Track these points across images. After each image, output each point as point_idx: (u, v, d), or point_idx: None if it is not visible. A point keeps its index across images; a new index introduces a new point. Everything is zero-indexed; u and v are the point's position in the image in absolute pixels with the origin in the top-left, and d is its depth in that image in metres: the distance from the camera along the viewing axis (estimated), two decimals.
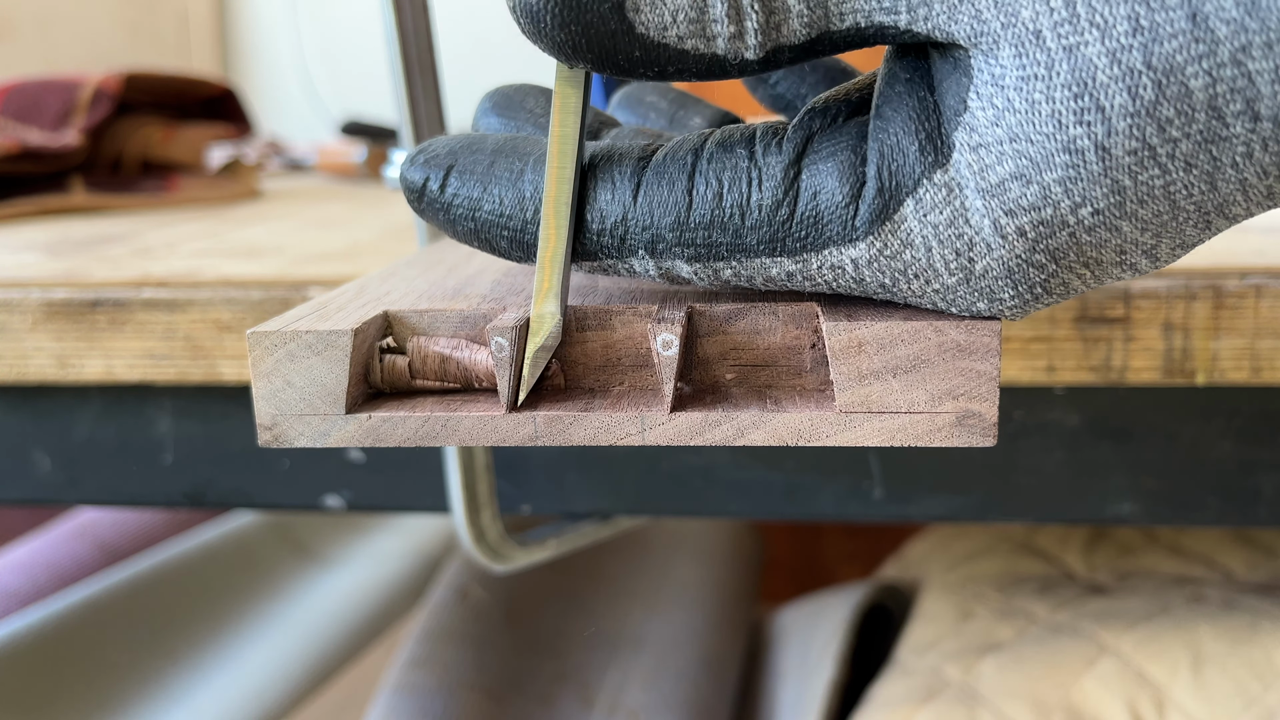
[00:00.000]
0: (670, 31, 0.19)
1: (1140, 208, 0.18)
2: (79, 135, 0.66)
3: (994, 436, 0.20)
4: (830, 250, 0.20)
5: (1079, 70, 0.17)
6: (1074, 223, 0.19)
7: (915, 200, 0.20)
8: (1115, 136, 0.18)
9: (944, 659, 0.54)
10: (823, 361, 0.22)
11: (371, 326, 0.22)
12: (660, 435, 0.21)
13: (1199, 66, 0.17)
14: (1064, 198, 0.18)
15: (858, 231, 0.20)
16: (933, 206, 0.20)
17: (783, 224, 0.20)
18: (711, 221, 0.21)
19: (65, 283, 0.37)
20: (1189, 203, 0.18)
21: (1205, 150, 0.18)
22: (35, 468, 0.41)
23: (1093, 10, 0.17)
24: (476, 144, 0.23)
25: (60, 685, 0.56)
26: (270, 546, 0.73)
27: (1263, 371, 0.33)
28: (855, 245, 0.20)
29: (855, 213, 0.20)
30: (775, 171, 0.20)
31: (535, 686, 0.60)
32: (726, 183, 0.21)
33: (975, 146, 0.19)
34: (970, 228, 0.19)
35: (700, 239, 0.21)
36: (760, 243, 0.21)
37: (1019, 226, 0.19)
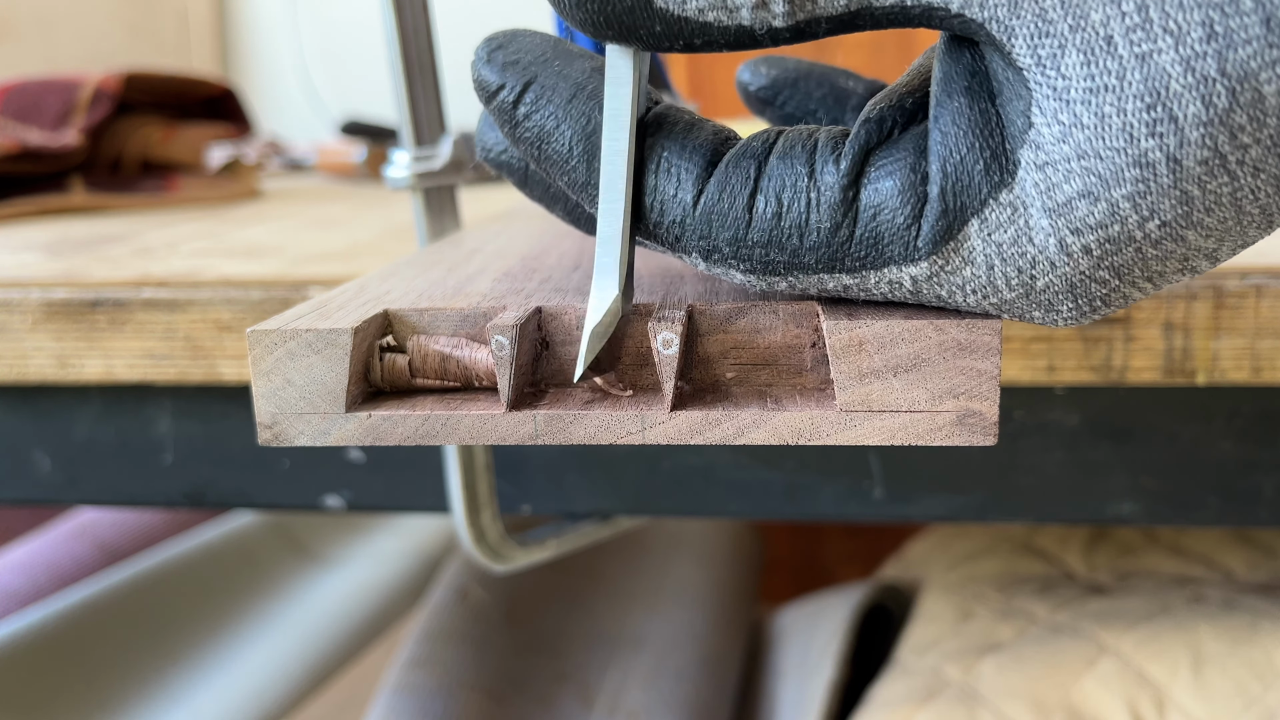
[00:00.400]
0: (690, 4, 0.19)
1: (1206, 215, 0.18)
2: (79, 135, 0.66)
3: (994, 436, 0.20)
4: (890, 268, 0.20)
5: (1152, 79, 0.17)
6: (1140, 237, 0.18)
7: (980, 220, 0.19)
8: (1187, 147, 0.17)
9: (944, 659, 0.54)
10: (823, 360, 0.22)
11: (372, 325, 0.22)
12: (660, 434, 0.21)
13: (1273, 71, 0.16)
14: (1132, 212, 0.18)
15: (920, 252, 0.20)
16: (997, 226, 0.19)
17: (842, 245, 0.20)
18: (770, 241, 0.20)
19: (65, 283, 0.37)
20: (1254, 206, 0.18)
21: (1274, 154, 0.17)
22: (35, 468, 0.41)
23: (1166, 16, 0.17)
24: (563, 61, 0.22)
25: (60, 685, 0.56)
26: (270, 546, 0.73)
27: (1263, 371, 0.33)
28: (916, 264, 0.20)
29: (917, 234, 0.20)
30: (834, 193, 0.20)
31: (535, 686, 0.60)
32: (786, 202, 0.20)
33: (1041, 165, 0.18)
34: (1034, 246, 0.19)
35: (758, 255, 0.21)
36: (819, 262, 0.20)
37: (1085, 245, 0.19)
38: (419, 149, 0.36)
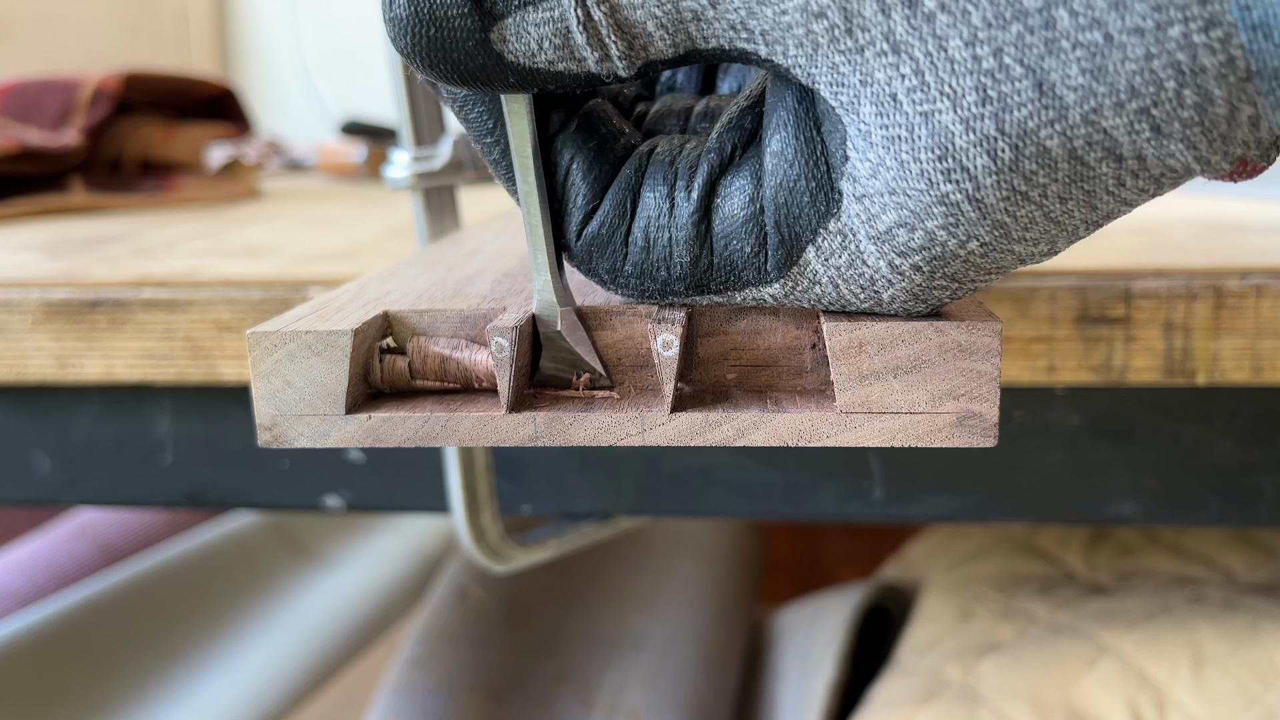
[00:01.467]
0: (539, 58, 0.20)
1: (1026, 233, 0.19)
2: (78, 135, 0.66)
3: (994, 437, 0.20)
4: (750, 289, 0.21)
5: (937, 135, 0.18)
6: (964, 254, 0.19)
7: (815, 248, 0.20)
8: (985, 190, 0.18)
9: (944, 659, 0.54)
10: (823, 362, 0.22)
11: (371, 327, 0.22)
12: (661, 435, 0.21)
13: (1052, 129, 0.17)
14: (950, 239, 0.19)
15: (769, 275, 0.21)
16: (831, 252, 0.20)
17: (704, 273, 0.21)
18: (642, 273, 0.22)
19: (65, 283, 0.37)
20: (1072, 220, 0.19)
21: (1076, 186, 0.18)
22: (35, 468, 0.41)
23: (941, 80, 0.18)
24: None
25: (60, 685, 0.56)
26: (270, 546, 0.73)
27: (1263, 371, 0.33)
28: (770, 285, 0.21)
29: (765, 260, 0.21)
30: (689, 228, 0.21)
31: (535, 686, 0.60)
32: (652, 239, 0.22)
33: (860, 197, 0.19)
34: (869, 267, 0.20)
35: (633, 285, 0.22)
36: (688, 288, 0.22)
37: (914, 264, 0.20)
38: (419, 149, 0.36)
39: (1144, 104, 0.17)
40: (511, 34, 0.20)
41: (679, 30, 0.19)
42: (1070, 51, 0.17)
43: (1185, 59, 0.16)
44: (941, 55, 0.17)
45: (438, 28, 0.20)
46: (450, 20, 0.20)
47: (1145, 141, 0.17)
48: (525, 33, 0.20)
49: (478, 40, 0.20)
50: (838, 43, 0.18)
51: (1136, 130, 0.17)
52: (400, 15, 0.20)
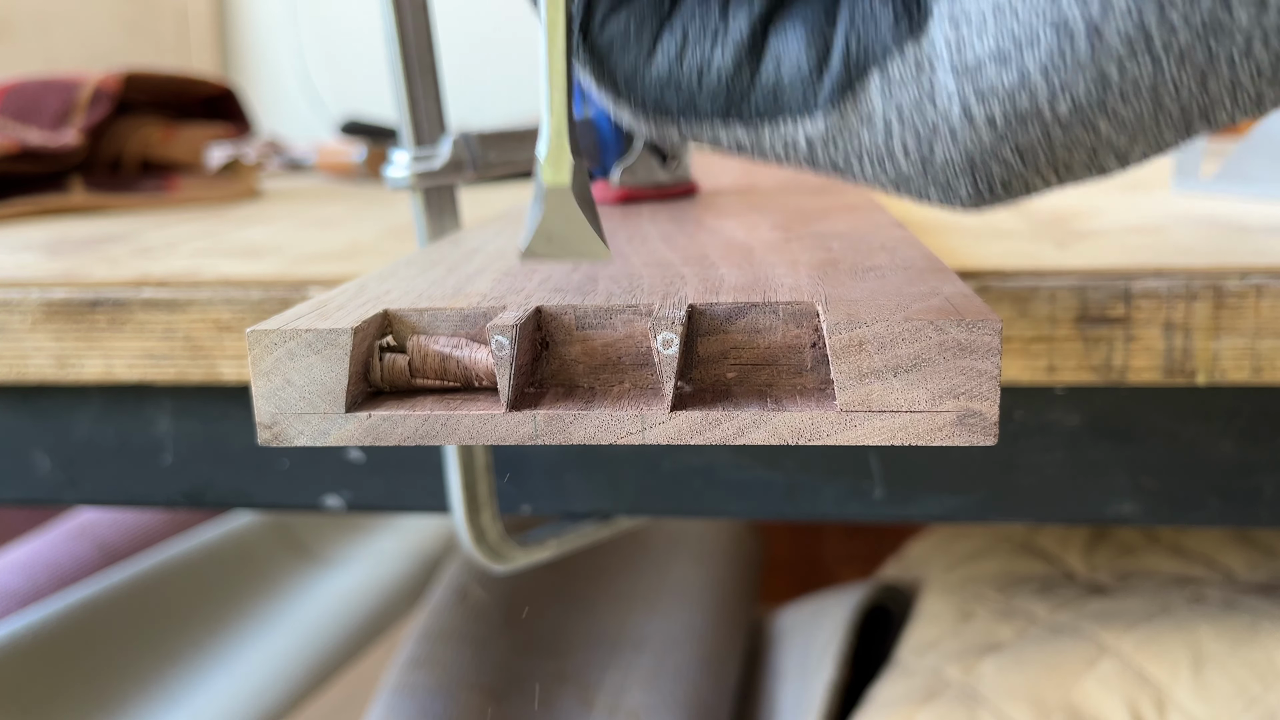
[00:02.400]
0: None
1: (1121, 105, 0.17)
2: (78, 135, 0.66)
3: (995, 435, 0.20)
4: (785, 122, 0.19)
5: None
6: (1049, 116, 0.17)
7: (882, 73, 0.18)
8: (1111, 17, 0.16)
9: (944, 659, 0.54)
10: (823, 360, 0.22)
11: (371, 325, 0.22)
12: (661, 434, 0.21)
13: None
14: (1043, 84, 0.17)
15: (817, 102, 0.19)
16: (900, 83, 0.18)
17: (742, 91, 0.19)
18: (669, 79, 0.19)
19: (65, 283, 0.37)
20: (1174, 104, 0.17)
21: (1203, 43, 0.16)
22: (35, 468, 0.41)
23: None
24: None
25: (60, 685, 0.56)
26: (270, 546, 0.73)
27: (1263, 371, 0.33)
28: (813, 119, 0.19)
29: (817, 83, 0.18)
30: (742, 33, 0.19)
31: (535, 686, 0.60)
32: (693, 38, 0.19)
33: (955, 18, 0.17)
34: (936, 111, 0.18)
35: (652, 97, 0.20)
36: (715, 108, 0.19)
37: (989, 115, 0.18)
38: (419, 149, 0.36)
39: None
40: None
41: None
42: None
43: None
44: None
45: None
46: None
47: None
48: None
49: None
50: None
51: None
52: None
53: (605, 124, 0.40)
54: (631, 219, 0.36)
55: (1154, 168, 0.68)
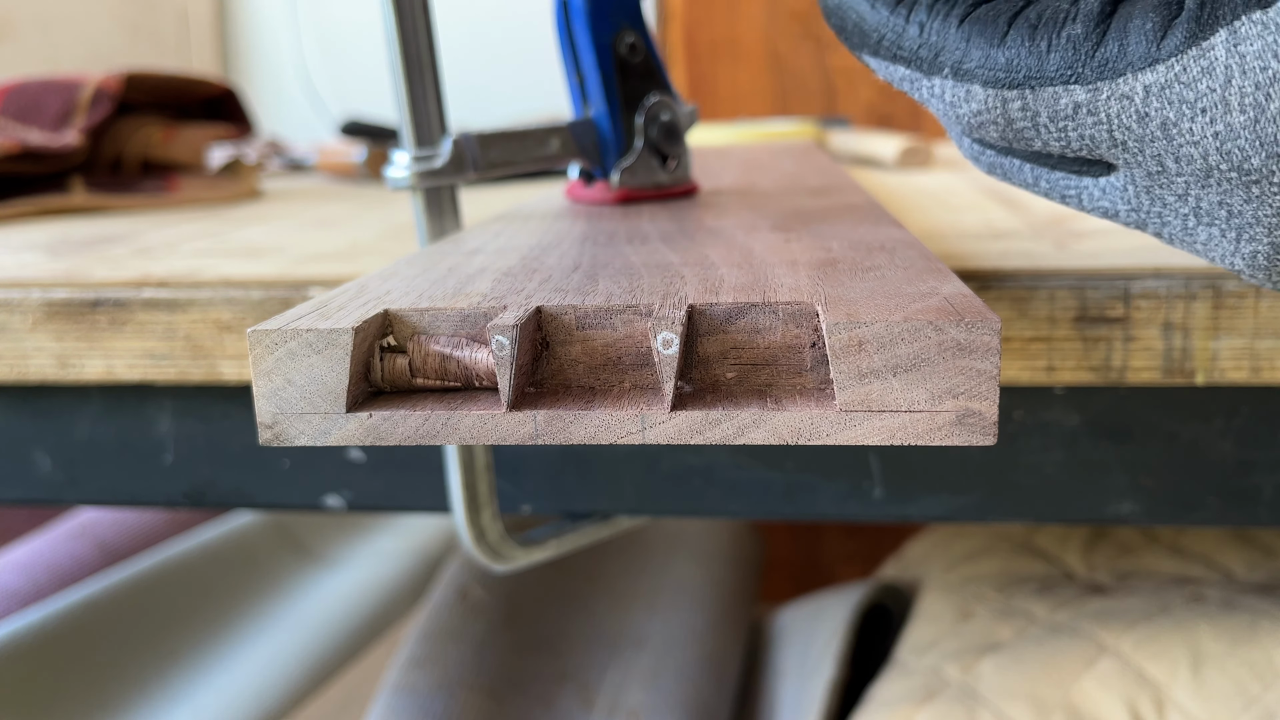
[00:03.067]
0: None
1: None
2: (79, 135, 0.66)
3: (994, 435, 0.20)
4: (1126, 77, 0.20)
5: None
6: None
7: (1230, 30, 0.19)
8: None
9: (944, 659, 0.54)
10: (823, 360, 0.22)
11: (372, 325, 0.22)
12: (660, 434, 0.21)
13: None
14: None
15: (1161, 53, 0.20)
16: (1246, 38, 0.19)
17: (1088, 52, 0.20)
18: (1020, 46, 0.21)
19: (65, 283, 0.37)
20: None
21: None
22: (35, 468, 0.41)
23: None
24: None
25: (60, 685, 0.56)
26: (270, 546, 0.73)
27: (1262, 371, 0.33)
28: (1154, 69, 0.20)
29: (1163, 37, 0.20)
30: (1093, 7, 0.20)
31: (535, 686, 0.60)
32: (1045, 17, 0.21)
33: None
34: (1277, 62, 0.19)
35: (1003, 60, 0.21)
36: (1059, 71, 0.21)
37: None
38: (419, 149, 0.36)
39: None
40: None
41: None
42: None
43: None
44: None
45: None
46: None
47: None
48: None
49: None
50: None
51: None
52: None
53: (605, 124, 0.40)
54: (631, 219, 0.37)
55: None
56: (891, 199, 0.56)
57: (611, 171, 0.41)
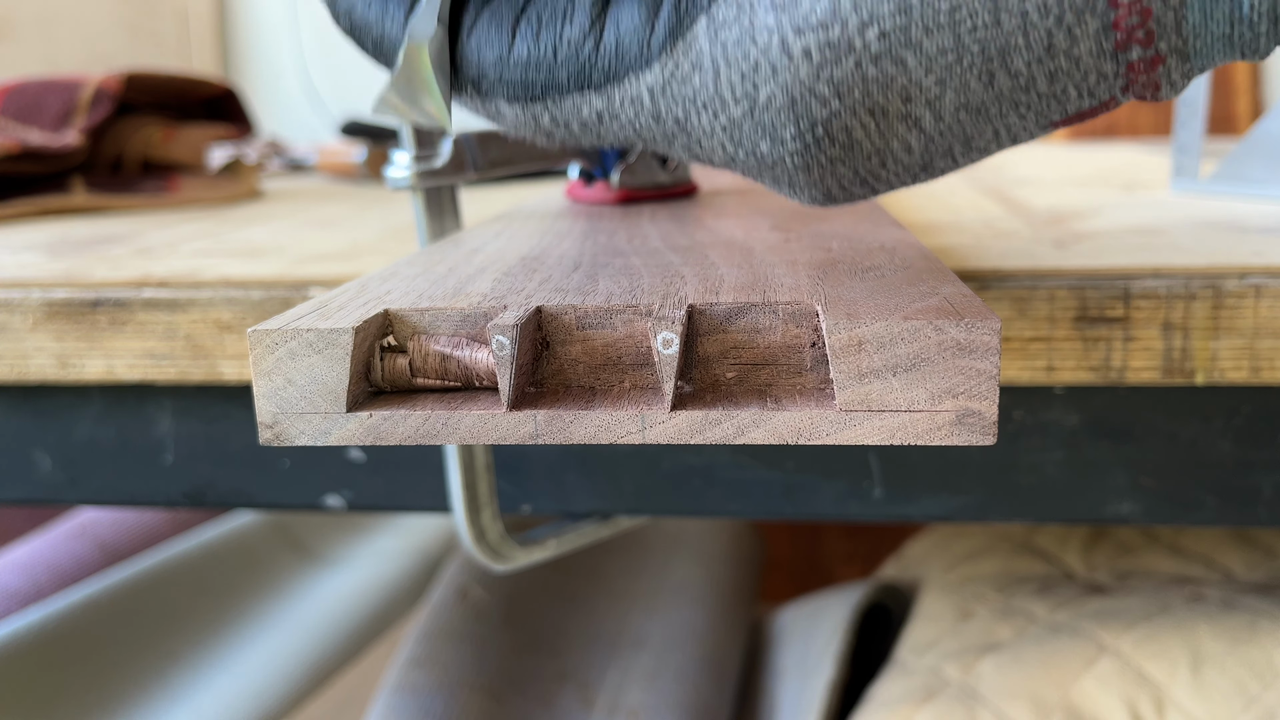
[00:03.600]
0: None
1: (926, 37, 0.18)
2: (79, 135, 0.66)
3: (994, 435, 0.20)
4: (630, 80, 0.20)
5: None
6: (860, 46, 0.18)
7: (709, 17, 0.19)
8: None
9: (944, 659, 0.54)
10: (823, 360, 0.22)
11: (372, 325, 0.22)
12: (660, 434, 0.21)
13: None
14: (852, 15, 0.18)
15: (652, 52, 0.20)
16: (724, 24, 0.19)
17: (590, 55, 0.21)
18: (530, 60, 0.21)
19: (66, 283, 0.37)
20: (974, 41, 0.18)
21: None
22: (35, 468, 0.41)
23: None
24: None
25: (60, 685, 0.56)
26: (270, 546, 0.73)
27: (1262, 371, 0.33)
28: (650, 69, 0.20)
29: (651, 32, 0.20)
30: (585, 6, 0.21)
31: (535, 686, 0.60)
32: (545, 19, 0.21)
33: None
34: (757, 48, 0.19)
35: (518, 78, 0.21)
36: (570, 77, 0.21)
37: (805, 46, 0.19)
38: (419, 149, 0.36)
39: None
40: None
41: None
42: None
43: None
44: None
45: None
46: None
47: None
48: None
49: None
50: None
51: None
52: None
53: None
54: (631, 219, 0.37)
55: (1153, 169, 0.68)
56: (891, 199, 0.56)
57: (611, 171, 0.41)
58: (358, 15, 0.24)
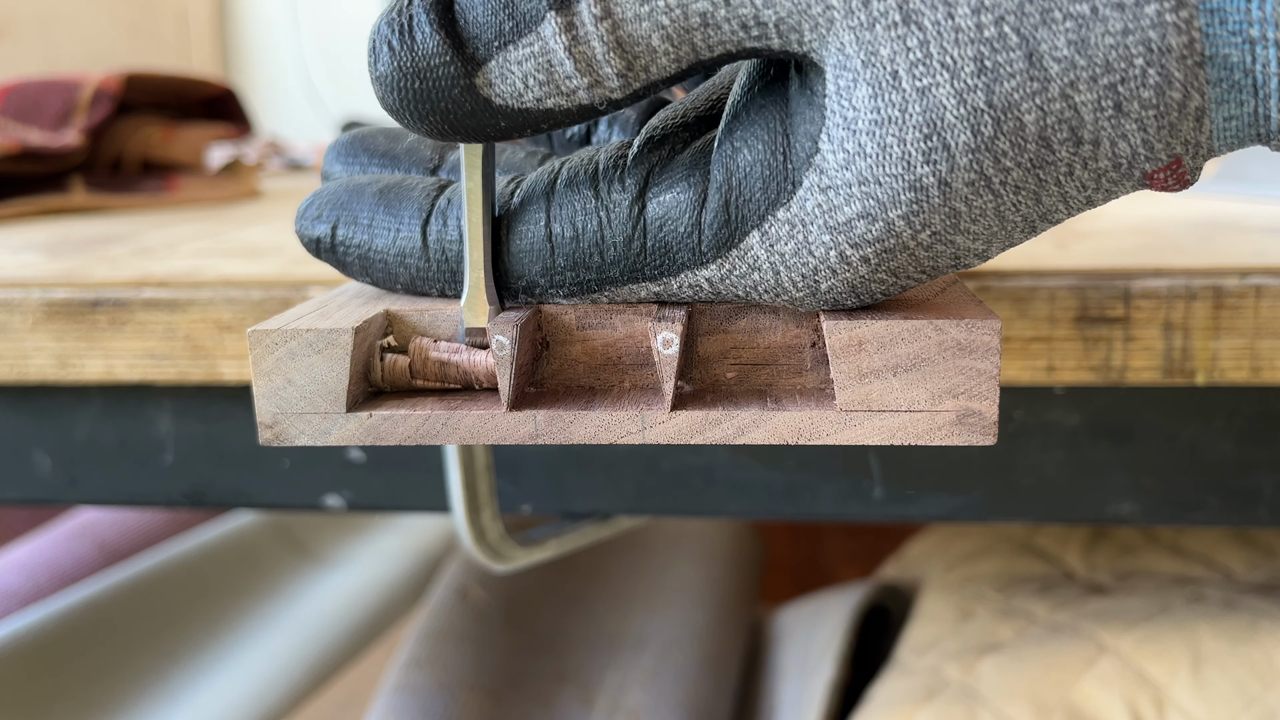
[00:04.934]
0: (527, 96, 0.20)
1: (973, 225, 0.20)
2: (79, 135, 0.66)
3: (994, 435, 0.20)
4: (685, 273, 0.21)
5: (930, 112, 0.18)
6: (913, 245, 0.20)
7: (761, 233, 0.20)
8: (957, 171, 0.19)
9: (944, 659, 0.54)
10: (823, 360, 0.22)
11: (372, 325, 0.22)
12: (661, 434, 0.21)
13: (1033, 103, 0.18)
14: (906, 228, 0.20)
15: (705, 257, 0.21)
16: (778, 239, 0.20)
17: (638, 256, 0.21)
18: (575, 263, 0.22)
19: (65, 283, 0.37)
20: (1016, 216, 0.20)
21: (1033, 174, 0.19)
22: (35, 468, 0.41)
23: (944, 50, 0.18)
24: (358, 190, 0.25)
25: (60, 685, 0.56)
26: (270, 546, 0.73)
27: (1262, 371, 0.33)
28: (706, 268, 0.21)
29: (700, 240, 0.21)
30: (622, 210, 0.21)
31: (535, 686, 0.60)
32: (580, 225, 0.22)
33: (824, 188, 0.20)
34: (815, 258, 0.20)
35: (569, 279, 0.22)
36: (623, 274, 0.22)
37: (864, 256, 0.20)
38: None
39: (1114, 79, 0.18)
40: (496, 77, 0.20)
41: (684, 41, 0.19)
42: (1061, 22, 0.17)
43: (1155, 36, 0.17)
44: (949, 23, 0.18)
45: (423, 80, 0.20)
46: (434, 70, 0.20)
47: (1106, 120, 0.18)
48: (509, 73, 0.20)
49: (463, 87, 0.20)
50: (852, 16, 0.18)
51: (1102, 108, 0.18)
52: (385, 73, 0.20)
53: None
54: None
55: None
56: None
57: None
58: None
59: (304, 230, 0.25)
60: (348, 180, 0.25)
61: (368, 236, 0.24)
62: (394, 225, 0.24)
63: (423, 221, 0.23)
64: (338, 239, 0.24)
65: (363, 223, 0.24)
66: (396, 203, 0.24)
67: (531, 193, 0.23)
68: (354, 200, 0.25)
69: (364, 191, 0.25)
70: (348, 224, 0.24)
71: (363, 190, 0.25)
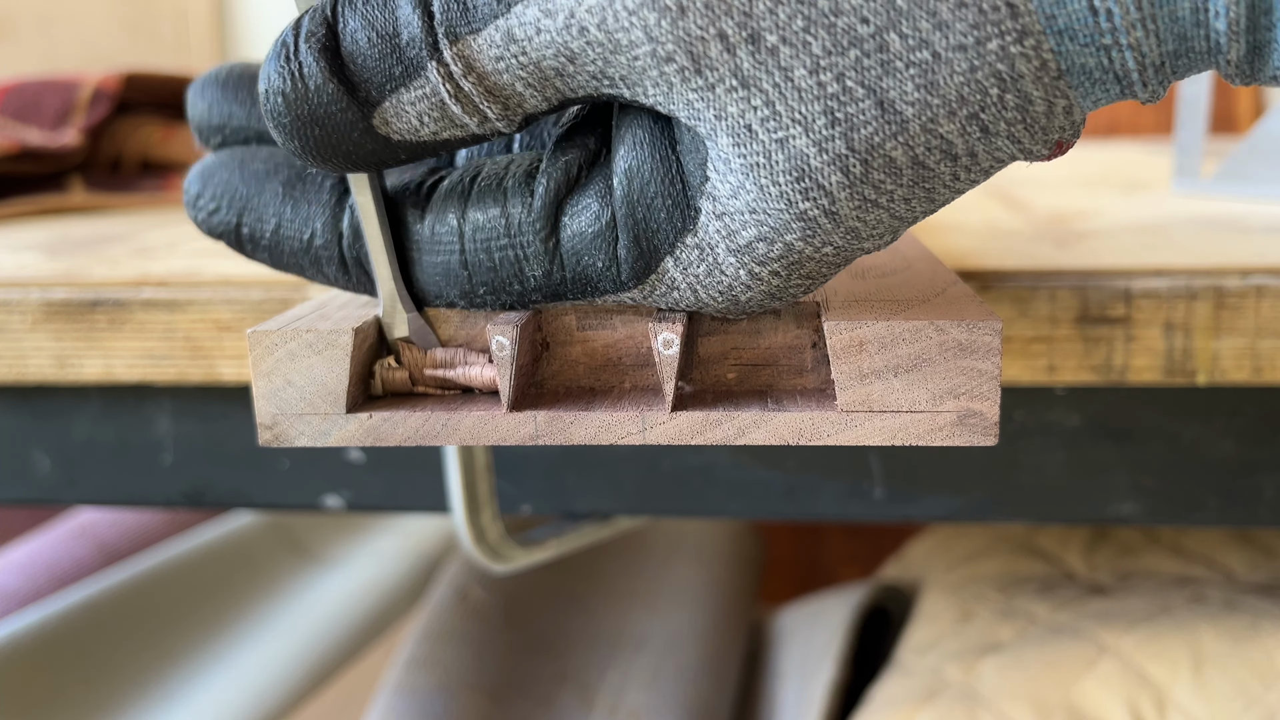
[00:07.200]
0: (423, 132, 0.21)
1: (873, 231, 0.20)
2: (78, 135, 0.66)
3: (995, 436, 0.20)
4: (609, 296, 0.22)
5: (793, 159, 0.19)
6: (819, 258, 0.20)
7: (673, 259, 0.21)
8: (839, 203, 0.19)
9: (944, 659, 0.54)
10: (824, 360, 0.22)
11: (372, 326, 0.22)
12: (661, 434, 0.21)
13: (896, 141, 0.19)
14: (806, 246, 0.20)
15: (626, 285, 0.21)
16: (690, 263, 0.21)
17: (559, 285, 0.22)
18: (495, 289, 0.22)
19: (64, 283, 0.37)
20: (913, 213, 0.20)
21: (919, 187, 0.19)
22: (35, 468, 0.41)
23: (791, 109, 0.19)
24: (256, 179, 0.25)
25: (60, 685, 0.56)
26: (270, 546, 0.73)
27: (1264, 371, 0.33)
28: (628, 291, 0.22)
29: (618, 270, 0.21)
30: (537, 246, 0.22)
31: (535, 687, 0.60)
32: (497, 258, 0.22)
33: (720, 214, 0.20)
34: (727, 276, 0.21)
35: (490, 301, 0.22)
36: (545, 298, 0.22)
37: (773, 270, 0.20)
38: None
39: (973, 110, 0.18)
40: (392, 116, 0.20)
41: (547, 86, 0.20)
42: (904, 70, 0.18)
43: (1004, 68, 0.18)
44: (789, 85, 0.18)
45: (322, 127, 0.20)
46: (332, 117, 0.20)
47: (976, 141, 0.19)
48: (404, 112, 0.20)
49: (362, 130, 0.20)
50: (689, 82, 0.19)
51: (968, 133, 0.18)
52: (284, 122, 0.20)
53: None
54: None
55: (1154, 168, 0.68)
56: None
57: None
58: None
59: (202, 220, 0.25)
60: (239, 160, 0.25)
61: (275, 240, 0.24)
62: (303, 230, 0.24)
63: (335, 236, 0.24)
64: (244, 235, 0.25)
65: (269, 222, 0.24)
66: (303, 203, 0.24)
67: (443, 213, 0.23)
68: (255, 195, 0.24)
69: (264, 185, 0.24)
70: (252, 221, 0.24)
71: (262, 183, 0.24)
